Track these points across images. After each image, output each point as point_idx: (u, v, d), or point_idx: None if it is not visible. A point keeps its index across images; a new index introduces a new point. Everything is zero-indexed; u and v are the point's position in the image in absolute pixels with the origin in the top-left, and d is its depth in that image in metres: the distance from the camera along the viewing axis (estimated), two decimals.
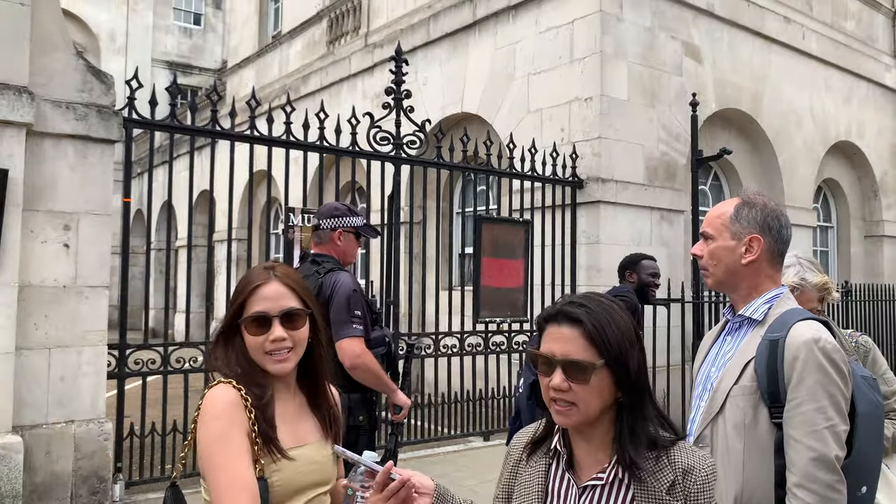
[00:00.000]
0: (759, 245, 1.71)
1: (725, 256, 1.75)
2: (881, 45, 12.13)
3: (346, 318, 2.89)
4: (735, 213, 1.75)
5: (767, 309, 1.70)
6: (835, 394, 1.52)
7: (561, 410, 1.27)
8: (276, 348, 1.51)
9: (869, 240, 11.81)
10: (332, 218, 3.15)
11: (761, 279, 1.73)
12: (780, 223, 1.74)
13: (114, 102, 4.86)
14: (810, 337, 1.56)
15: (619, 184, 7.69)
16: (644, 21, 8.15)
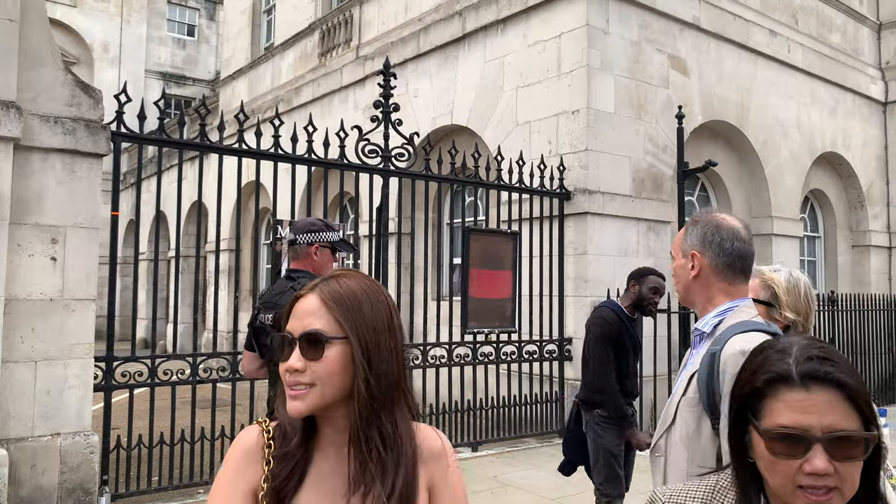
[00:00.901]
0: (699, 260, 1.80)
1: (680, 273, 1.86)
2: (866, 57, 12.28)
3: None
4: (684, 232, 1.86)
5: (717, 322, 1.75)
6: None
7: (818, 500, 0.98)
8: (292, 382, 1.17)
9: (856, 249, 11.91)
10: (308, 233, 3.18)
11: (713, 292, 1.79)
12: (720, 237, 1.79)
13: (102, 116, 4.90)
14: (738, 349, 1.58)
15: (606, 195, 7.76)
16: (631, 35, 8.25)
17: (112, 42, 26.07)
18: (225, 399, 6.46)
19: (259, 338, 3.20)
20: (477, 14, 9.18)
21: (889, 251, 12.08)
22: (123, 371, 5.10)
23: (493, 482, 5.88)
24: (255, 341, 3.23)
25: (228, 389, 5.89)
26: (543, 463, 6.50)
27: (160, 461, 5.34)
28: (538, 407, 7.48)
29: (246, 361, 3.32)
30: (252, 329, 3.23)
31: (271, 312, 3.08)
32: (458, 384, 6.96)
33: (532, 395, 7.45)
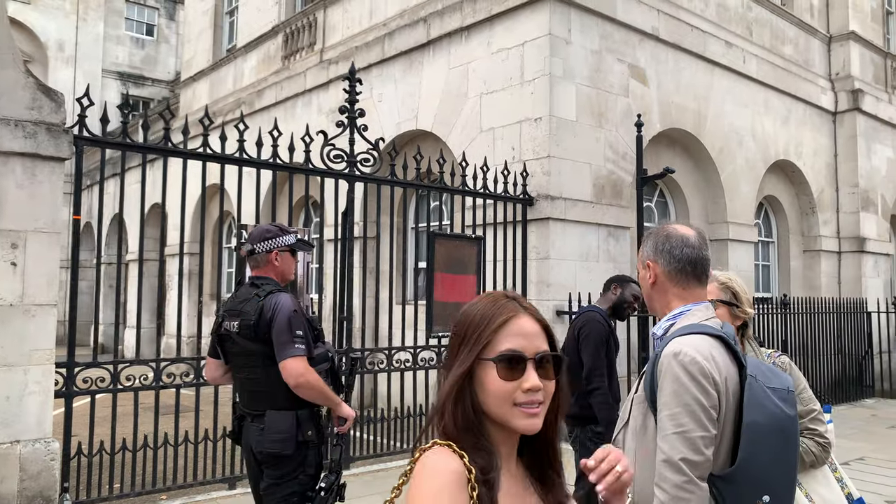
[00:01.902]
0: (654, 268, 1.92)
1: (643, 284, 1.99)
2: (817, 68, 12.71)
3: (288, 339, 2.97)
4: (642, 245, 2.00)
5: (669, 325, 1.86)
6: (689, 402, 1.63)
7: None
8: (530, 400, 1.20)
9: (807, 254, 12.32)
10: (265, 241, 3.21)
11: (669, 298, 1.90)
12: (670, 244, 1.90)
13: (64, 120, 4.85)
14: (671, 350, 1.70)
15: (567, 201, 7.91)
16: (592, 44, 8.43)
17: (68, 41, 25.51)
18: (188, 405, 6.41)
19: (224, 345, 3.21)
20: (441, 21, 9.27)
21: (838, 256, 12.51)
22: (85, 377, 5.04)
23: None
24: (220, 348, 3.24)
25: (192, 395, 5.86)
26: None
27: (122, 468, 5.29)
28: None
29: (210, 368, 3.33)
30: (216, 336, 3.24)
31: (236, 320, 3.10)
32: (423, 387, 7.02)
33: None
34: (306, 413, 3.06)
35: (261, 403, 3.07)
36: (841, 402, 10.79)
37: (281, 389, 3.00)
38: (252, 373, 3.09)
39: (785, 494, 1.70)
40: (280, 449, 2.99)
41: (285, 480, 3.02)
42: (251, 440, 3.09)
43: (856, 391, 11.22)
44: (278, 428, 3.00)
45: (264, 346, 3.02)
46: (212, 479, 5.63)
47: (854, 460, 7.06)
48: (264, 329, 3.00)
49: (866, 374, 11.53)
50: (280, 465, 3.02)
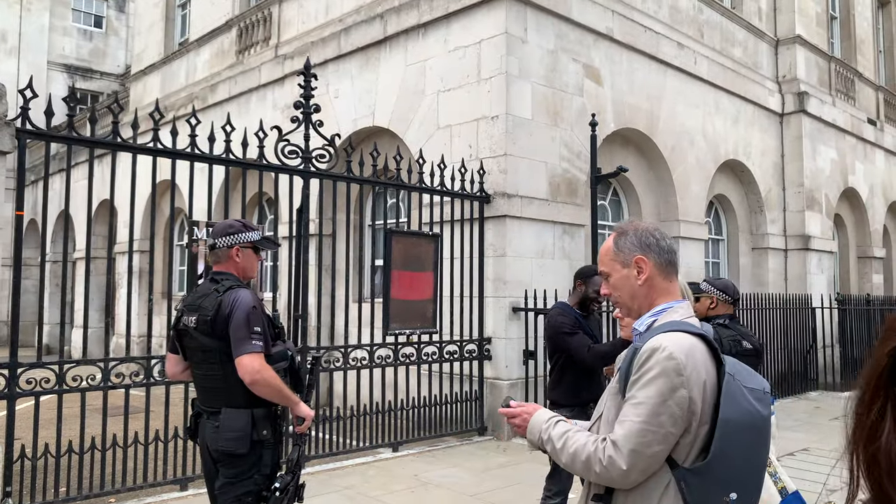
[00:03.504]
0: (647, 264, 1.88)
1: (625, 284, 1.91)
2: (765, 71, 13.06)
3: (245, 335, 2.92)
4: (615, 245, 1.93)
5: (652, 321, 1.85)
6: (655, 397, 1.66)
7: None
8: None
9: (755, 252, 12.65)
10: (227, 236, 3.16)
11: (655, 294, 1.89)
12: (655, 238, 1.90)
13: (6, 112, 4.68)
14: (651, 346, 1.71)
15: (524, 199, 7.97)
16: (547, 44, 8.51)
17: (10, 31, 24.63)
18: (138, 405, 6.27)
19: (182, 340, 3.15)
20: (398, 18, 9.24)
21: (785, 253, 12.89)
22: (28, 378, 4.89)
23: (414, 481, 5.95)
24: (179, 343, 3.18)
25: (142, 395, 5.73)
26: (463, 461, 6.63)
27: (68, 471, 5.14)
28: (458, 406, 7.60)
29: (170, 364, 3.27)
30: (175, 332, 3.18)
31: (194, 315, 3.05)
32: (380, 385, 7.00)
33: (452, 395, 7.56)
34: (262, 412, 3.02)
35: (217, 400, 3.03)
36: (786, 395, 11.12)
37: (237, 387, 2.95)
38: (209, 369, 3.04)
39: (752, 493, 1.74)
40: (234, 448, 2.94)
41: (240, 480, 2.97)
42: (207, 437, 3.04)
43: (801, 384, 11.58)
44: (233, 426, 2.96)
45: (221, 342, 2.97)
46: (163, 481, 5.51)
47: (799, 451, 7.28)
48: (222, 325, 2.96)
49: (811, 367, 11.90)
50: (235, 464, 2.98)
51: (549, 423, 1.89)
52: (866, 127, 15.44)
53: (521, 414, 1.98)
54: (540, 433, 1.89)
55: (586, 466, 1.74)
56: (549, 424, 1.88)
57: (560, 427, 1.87)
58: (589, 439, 1.77)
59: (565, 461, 1.80)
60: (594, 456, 1.72)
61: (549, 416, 1.92)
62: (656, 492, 1.69)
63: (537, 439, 1.90)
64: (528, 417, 1.95)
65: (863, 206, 15.25)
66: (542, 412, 1.95)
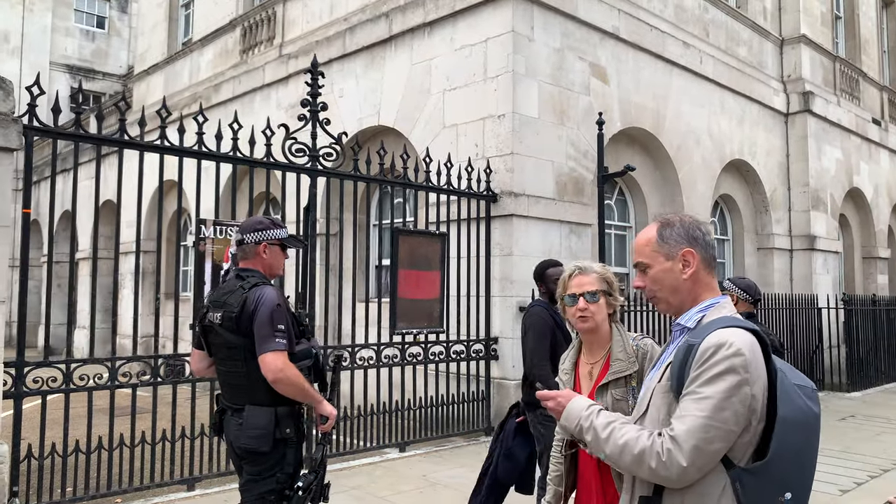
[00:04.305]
0: (694, 257, 1.80)
1: (667, 278, 1.83)
2: (770, 70, 13.03)
3: (268, 333, 2.90)
4: (659, 236, 1.84)
5: (701, 317, 1.78)
6: (722, 394, 1.59)
7: None
8: None
9: (761, 252, 12.61)
10: (255, 232, 3.14)
11: (699, 289, 1.82)
12: (702, 231, 1.84)
13: (13, 109, 4.65)
14: (715, 341, 1.64)
15: (530, 198, 7.93)
16: (554, 42, 8.47)
17: (13, 31, 24.62)
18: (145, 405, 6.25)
19: (208, 336, 3.13)
20: (404, 16, 9.21)
21: (790, 253, 12.84)
22: (35, 377, 4.85)
23: (422, 481, 5.91)
24: (204, 340, 3.16)
25: (148, 395, 5.70)
26: (471, 461, 6.58)
27: (75, 470, 5.11)
28: (465, 406, 7.57)
29: (195, 360, 3.27)
30: (201, 327, 3.17)
31: (219, 311, 3.03)
32: (387, 385, 6.96)
33: (459, 395, 7.52)
34: (285, 410, 3.00)
35: (241, 397, 3.02)
36: None
37: (261, 384, 2.94)
38: (233, 366, 3.03)
39: (805, 492, 1.70)
40: (257, 445, 2.93)
41: (263, 478, 2.96)
42: (231, 434, 3.04)
43: None
44: (256, 424, 2.94)
45: (246, 339, 2.95)
46: (170, 481, 5.47)
47: None
48: (246, 322, 2.94)
49: (817, 368, 11.86)
50: (257, 462, 2.97)
51: (591, 411, 1.81)
52: (871, 127, 15.40)
53: (557, 397, 1.91)
54: (579, 420, 1.81)
55: (637, 461, 1.65)
56: (591, 412, 1.80)
57: (604, 416, 1.79)
58: (642, 432, 1.68)
59: (610, 452, 1.71)
60: (650, 450, 1.63)
61: (590, 404, 1.84)
62: (713, 494, 1.63)
63: (574, 426, 1.82)
64: (565, 402, 1.88)
65: (867, 206, 15.20)
66: (580, 399, 1.88)
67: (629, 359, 2.51)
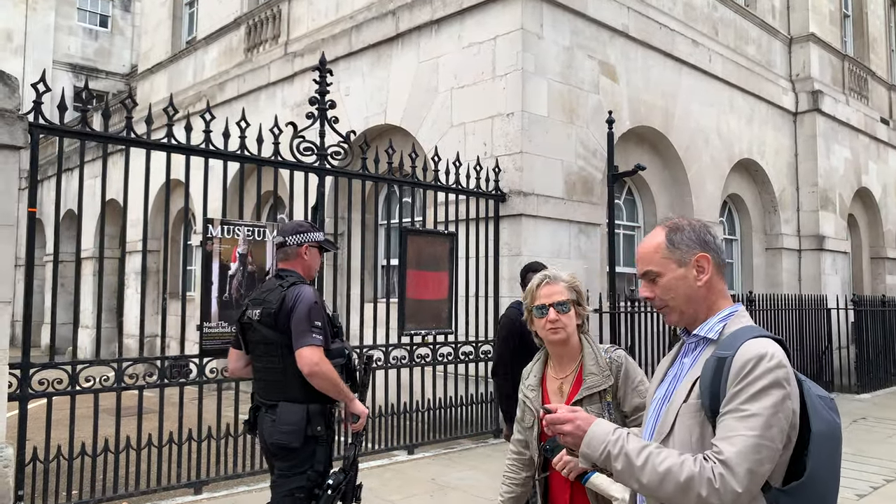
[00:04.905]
0: (709, 262, 1.69)
1: (680, 286, 1.70)
2: (779, 69, 12.93)
3: (306, 328, 3.03)
4: (669, 241, 1.72)
5: (722, 327, 1.66)
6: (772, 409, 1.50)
7: None
8: None
9: (769, 252, 12.51)
10: (297, 234, 3.32)
11: (714, 297, 1.70)
12: (712, 235, 1.74)
13: (18, 106, 4.58)
14: (756, 353, 1.53)
15: (539, 197, 7.84)
16: (563, 40, 8.38)
17: (16, 30, 24.60)
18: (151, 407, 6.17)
19: (246, 334, 3.27)
20: (411, 14, 9.12)
21: (799, 253, 12.74)
22: (41, 378, 4.78)
23: (432, 484, 5.83)
24: (242, 337, 3.30)
25: (155, 397, 5.62)
26: (480, 463, 6.50)
27: (81, 473, 5.03)
28: (474, 408, 7.48)
29: (232, 359, 3.41)
30: (239, 325, 3.32)
31: (259, 308, 3.18)
32: (395, 386, 6.88)
33: (468, 396, 7.44)
34: (317, 408, 3.11)
35: (275, 393, 3.13)
36: None
37: (295, 381, 3.06)
38: (269, 361, 3.15)
39: None
40: (288, 441, 3.03)
41: (293, 474, 3.05)
42: (264, 431, 3.14)
43: None
44: (289, 420, 3.05)
45: (283, 335, 3.08)
46: (176, 484, 5.40)
47: None
48: (284, 318, 3.07)
49: (826, 369, 11.75)
50: (288, 458, 3.07)
51: (620, 436, 1.62)
52: (879, 126, 15.29)
53: (575, 420, 1.68)
54: (605, 446, 1.61)
55: (684, 489, 1.48)
56: (620, 437, 1.61)
57: (636, 440, 1.61)
58: (686, 457, 1.52)
59: (648, 481, 1.53)
60: (699, 476, 1.47)
61: (615, 427, 1.65)
62: None
63: (600, 454, 1.61)
64: (585, 426, 1.66)
65: (876, 206, 15.10)
66: (602, 422, 1.68)
67: (603, 372, 2.36)
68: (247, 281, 5.58)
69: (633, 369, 2.41)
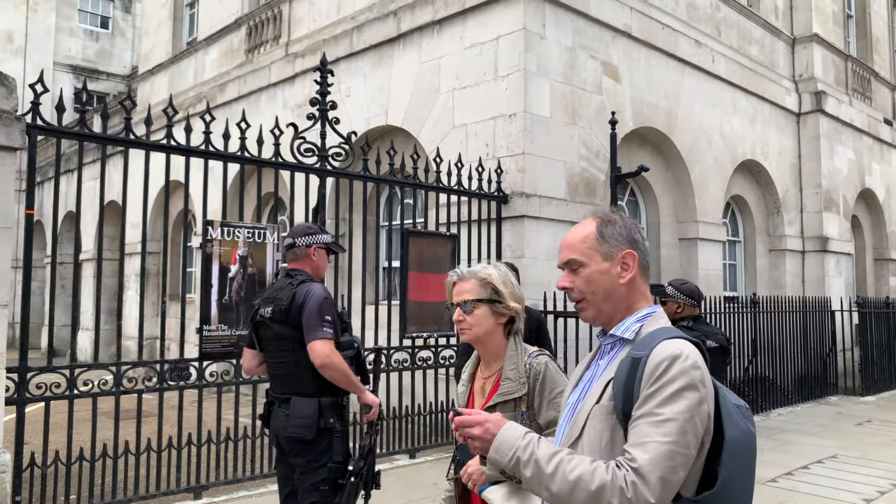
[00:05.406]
0: (634, 260, 1.63)
1: (602, 280, 1.62)
2: (782, 69, 12.86)
3: (317, 322, 3.17)
4: (599, 233, 1.64)
5: (639, 327, 1.60)
6: (686, 413, 1.42)
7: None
8: None
9: (772, 253, 12.44)
10: (307, 236, 3.47)
11: (636, 297, 1.64)
12: (641, 235, 1.67)
13: (16, 107, 4.52)
14: (670, 353, 1.46)
15: (542, 199, 7.78)
16: (566, 40, 8.32)
17: (17, 31, 24.57)
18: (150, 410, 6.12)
19: (259, 331, 3.40)
20: (412, 14, 9.07)
21: (802, 255, 12.68)
22: (38, 382, 4.72)
23: (434, 489, 5.77)
24: (256, 335, 3.42)
25: (154, 400, 5.56)
26: None
27: (79, 478, 4.97)
28: None
29: (246, 358, 3.53)
30: (252, 324, 3.45)
31: (271, 306, 3.32)
32: (397, 389, 6.82)
33: None
34: (329, 401, 3.23)
35: (288, 387, 3.26)
36: (806, 399, 10.92)
37: (307, 375, 3.20)
38: (282, 356, 3.29)
39: None
40: (302, 434, 3.15)
41: (313, 468, 3.17)
42: (278, 425, 3.25)
43: (820, 389, 11.36)
44: (301, 413, 3.18)
45: (295, 330, 3.22)
46: (176, 489, 5.34)
47: (827, 458, 7.08)
48: (295, 314, 3.22)
49: (830, 371, 11.69)
50: (304, 452, 3.18)
51: (530, 441, 1.51)
52: (882, 127, 15.23)
53: (484, 423, 1.56)
54: (515, 452, 1.50)
55: (596, 498, 1.39)
56: (530, 442, 1.51)
57: (547, 446, 1.50)
58: (598, 465, 1.42)
59: (558, 490, 1.42)
60: (611, 486, 1.38)
61: (526, 431, 1.54)
62: None
63: (508, 460, 1.50)
64: (494, 430, 1.55)
65: (879, 207, 15.03)
66: (513, 425, 1.56)
67: (519, 379, 2.23)
68: (247, 283, 5.52)
69: (552, 379, 2.26)
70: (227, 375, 5.61)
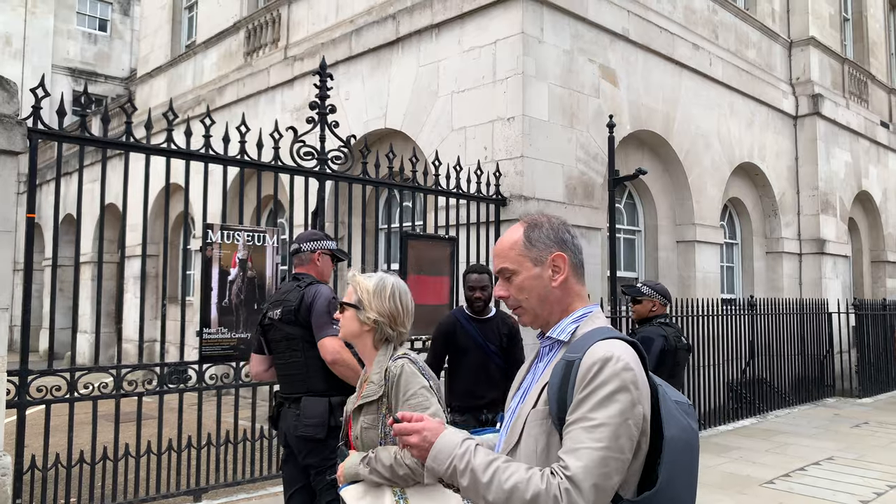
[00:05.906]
0: (565, 262, 1.61)
1: (535, 286, 1.61)
2: (779, 72, 12.92)
3: (326, 321, 3.24)
4: (526, 238, 1.63)
5: (575, 328, 1.58)
6: (618, 417, 1.41)
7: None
8: None
9: (770, 256, 12.49)
10: (311, 241, 3.60)
11: (571, 298, 1.63)
12: (570, 233, 1.66)
13: (17, 111, 4.55)
14: (601, 355, 1.44)
15: (541, 202, 7.82)
16: (564, 44, 8.36)
17: (15, 34, 24.58)
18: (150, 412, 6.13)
19: (268, 334, 3.47)
20: (411, 18, 9.10)
21: (799, 257, 12.72)
22: (39, 385, 4.74)
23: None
24: (265, 339, 3.49)
25: (154, 403, 5.58)
26: None
27: (80, 481, 4.99)
28: None
29: (254, 363, 3.58)
30: (261, 328, 3.52)
31: (279, 308, 3.41)
32: None
33: None
34: (339, 399, 3.24)
35: (298, 387, 3.33)
36: (803, 401, 10.95)
37: (317, 374, 3.27)
38: (292, 356, 3.36)
39: None
40: (314, 433, 3.20)
41: (328, 466, 3.17)
42: (289, 425, 3.30)
43: (817, 391, 11.40)
44: (312, 412, 3.23)
45: (304, 330, 3.31)
46: (176, 492, 5.35)
47: (824, 460, 7.11)
48: (304, 314, 3.31)
49: (827, 373, 11.73)
50: (316, 452, 3.22)
51: (467, 449, 1.49)
52: (879, 130, 15.29)
53: (421, 431, 1.55)
54: (452, 460, 1.48)
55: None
56: (467, 450, 1.48)
57: (484, 454, 1.48)
58: (533, 473, 1.41)
59: (494, 499, 1.42)
60: (545, 494, 1.37)
61: (464, 438, 1.52)
62: None
63: (446, 468, 1.48)
64: (432, 438, 1.53)
65: (876, 209, 15.08)
66: (451, 432, 1.55)
67: (380, 382, 2.29)
68: (246, 286, 5.54)
69: (406, 381, 2.27)
70: (227, 378, 5.63)
